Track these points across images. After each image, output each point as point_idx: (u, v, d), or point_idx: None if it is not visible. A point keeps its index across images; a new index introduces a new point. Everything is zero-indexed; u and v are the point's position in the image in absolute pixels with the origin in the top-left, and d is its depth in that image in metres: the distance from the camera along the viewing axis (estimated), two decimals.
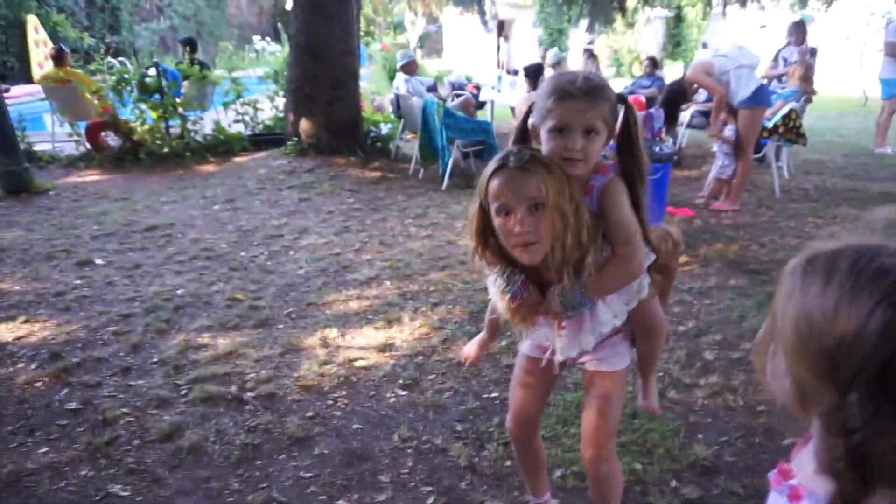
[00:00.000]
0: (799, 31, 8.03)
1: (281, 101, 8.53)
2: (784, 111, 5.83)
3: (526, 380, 1.69)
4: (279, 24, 18.37)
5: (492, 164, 1.38)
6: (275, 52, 16.28)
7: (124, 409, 2.56)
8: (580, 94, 1.34)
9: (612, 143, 1.46)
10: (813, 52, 8.12)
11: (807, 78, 6.98)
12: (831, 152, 7.94)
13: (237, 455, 2.30)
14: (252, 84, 9.13)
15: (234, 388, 2.71)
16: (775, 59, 8.08)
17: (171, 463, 2.26)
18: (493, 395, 2.67)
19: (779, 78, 7.77)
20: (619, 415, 1.65)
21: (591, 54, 10.45)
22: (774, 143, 5.97)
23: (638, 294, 1.52)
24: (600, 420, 1.56)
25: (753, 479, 2.13)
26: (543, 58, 9.91)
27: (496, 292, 1.50)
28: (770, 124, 5.74)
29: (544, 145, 1.40)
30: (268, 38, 18.84)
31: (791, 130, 5.86)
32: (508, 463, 2.23)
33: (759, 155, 5.93)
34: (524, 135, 1.47)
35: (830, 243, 0.64)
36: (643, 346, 1.64)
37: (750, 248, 4.38)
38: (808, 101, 7.23)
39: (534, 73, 6.15)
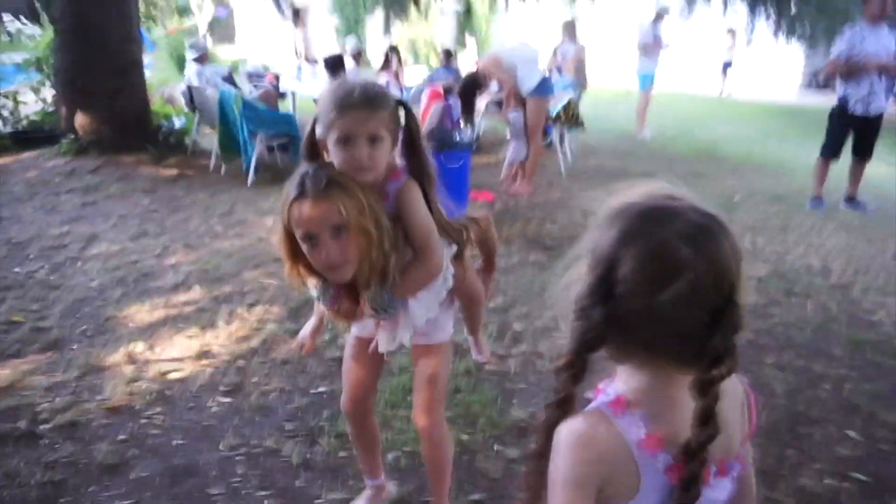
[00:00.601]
0: (571, 28, 8.99)
1: (49, 93, 7.51)
2: (564, 101, 6.50)
3: (358, 358, 1.76)
4: (36, 2, 16.03)
5: (291, 191, 1.39)
6: (33, 35, 14.18)
7: None
8: (360, 104, 1.37)
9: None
10: (582, 47, 9.12)
11: (581, 70, 7.85)
12: (604, 137, 9.00)
13: (34, 496, 2.04)
14: (9, 73, 7.90)
15: (23, 423, 2.39)
16: (553, 53, 8.94)
17: None
18: (320, 389, 2.67)
19: (558, 70, 8.61)
20: (446, 383, 1.79)
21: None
22: (558, 129, 6.63)
23: (444, 286, 1.64)
24: (429, 389, 1.69)
25: None
26: (343, 48, 9.88)
27: (315, 296, 1.56)
28: (554, 113, 6.36)
29: (332, 156, 1.42)
30: (22, 17, 16.34)
31: (571, 118, 6.56)
32: (342, 454, 2.26)
33: (547, 141, 6.54)
34: (313, 149, 1.48)
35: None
36: (468, 312, 1.83)
37: (545, 226, 4.84)
38: (584, 90, 8.13)
39: (334, 65, 6.13)
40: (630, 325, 0.82)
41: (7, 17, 16.12)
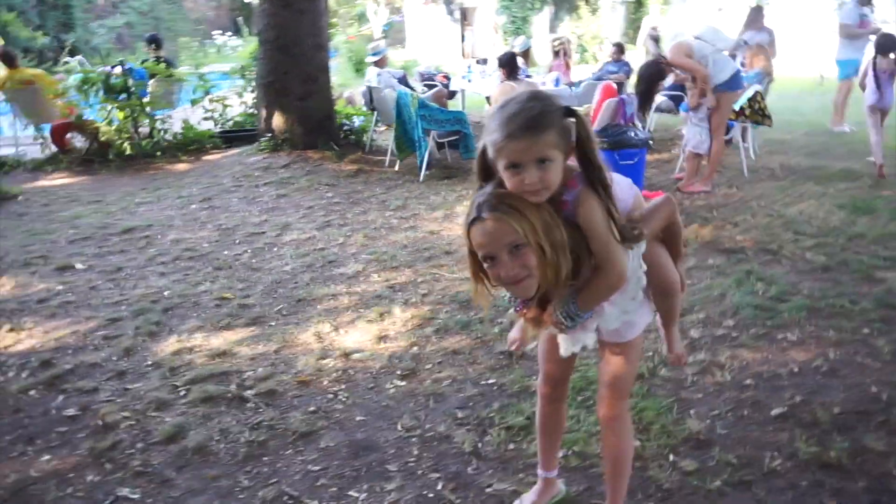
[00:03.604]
0: (757, 15, 8.25)
1: (249, 97, 8.44)
2: (749, 93, 6.00)
3: (552, 344, 1.77)
4: (239, 18, 18.07)
5: (470, 214, 1.43)
6: (237, 47, 16.01)
7: (124, 413, 2.55)
8: (522, 132, 1.33)
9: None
10: (771, 34, 8.34)
11: (768, 60, 7.19)
12: (793, 132, 8.18)
13: (244, 452, 2.32)
14: (217, 80, 9.00)
15: (233, 387, 2.72)
16: (743, 43, 8.27)
17: (177, 464, 2.27)
18: (490, 381, 2.73)
19: (741, 63, 7.96)
20: (633, 377, 1.77)
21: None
22: (741, 124, 6.15)
23: (639, 285, 1.61)
24: (616, 383, 1.68)
25: (745, 449, 2.24)
26: (513, 47, 9.95)
27: (506, 301, 1.62)
28: (737, 107, 5.90)
29: (505, 179, 1.40)
30: (228, 33, 18.50)
31: (756, 112, 6.04)
32: (511, 447, 2.30)
33: (727, 137, 6.09)
34: (487, 171, 1.47)
35: None
36: (661, 304, 1.74)
37: (724, 229, 4.52)
38: (771, 81, 7.44)
39: (507, 62, 6.20)
40: None
41: (216, 33, 18.34)
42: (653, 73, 5.10)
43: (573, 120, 1.41)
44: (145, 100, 7.35)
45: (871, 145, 5.93)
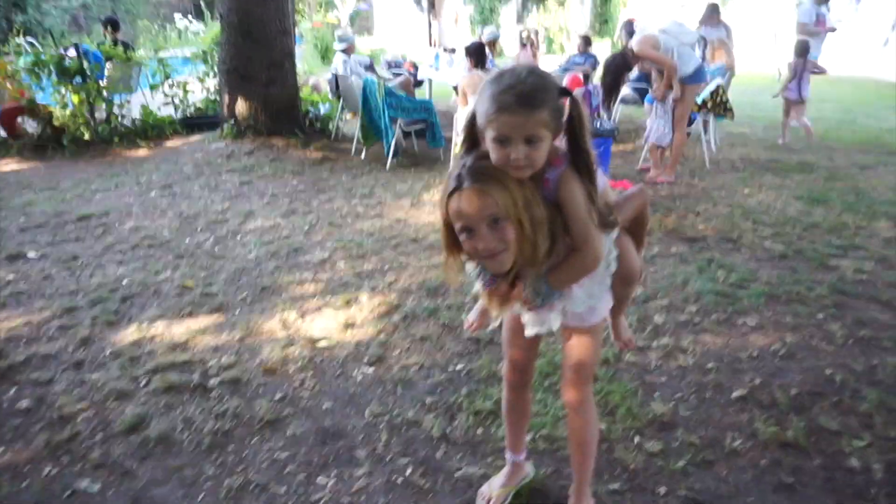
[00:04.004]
0: (713, 11, 8.40)
1: (212, 83, 8.24)
2: (712, 87, 6.11)
3: (516, 329, 1.77)
4: (201, 2, 17.58)
5: (449, 184, 1.40)
6: (198, 32, 15.59)
7: (81, 405, 2.48)
8: (517, 106, 1.31)
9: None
10: (728, 30, 8.51)
11: (730, 55, 7.33)
12: (752, 125, 8.38)
13: (208, 441, 2.27)
14: (179, 65, 8.76)
15: (196, 376, 2.66)
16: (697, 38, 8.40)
17: (139, 454, 2.21)
18: (458, 367, 2.73)
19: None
20: (596, 360, 1.79)
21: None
22: (703, 117, 6.26)
23: (608, 272, 1.62)
24: (580, 367, 1.69)
25: (708, 430, 2.29)
26: (481, 36, 9.94)
27: (473, 276, 1.59)
28: (700, 100, 6.01)
29: (490, 151, 1.39)
30: (189, 16, 17.99)
31: (719, 105, 6.16)
32: (480, 431, 2.31)
33: (688, 129, 6.19)
34: (473, 139, 1.45)
35: None
36: (620, 291, 1.73)
37: (687, 218, 4.61)
38: (732, 76, 7.60)
39: (475, 52, 6.17)
40: None
41: (177, 16, 17.85)
42: (619, 65, 5.14)
43: (567, 100, 1.40)
44: (102, 83, 7.10)
45: (783, 126, 7.47)
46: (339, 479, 2.10)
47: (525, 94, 1.32)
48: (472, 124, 1.44)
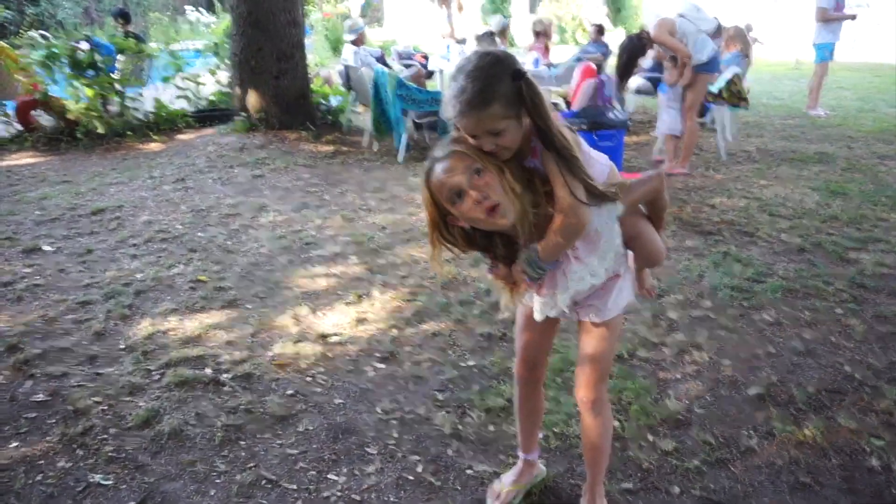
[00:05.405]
0: None
1: (223, 75, 8.25)
2: (727, 76, 6.02)
3: (529, 324, 1.76)
4: None
5: (426, 166, 1.48)
6: (209, 24, 15.59)
7: (96, 398, 2.49)
8: (468, 109, 1.37)
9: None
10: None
11: (746, 43, 7.21)
12: (769, 115, 8.26)
13: (220, 437, 2.28)
14: (190, 57, 8.76)
15: (208, 371, 2.67)
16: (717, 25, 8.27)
17: (152, 449, 2.22)
18: (470, 363, 2.72)
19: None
20: (612, 358, 1.76)
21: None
22: (715, 113, 6.17)
23: (610, 247, 1.58)
24: (595, 363, 1.67)
25: (723, 428, 2.26)
26: (489, 26, 9.85)
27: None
28: (715, 89, 5.92)
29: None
30: (200, 8, 18.00)
31: (734, 95, 6.06)
32: (492, 428, 2.30)
33: (702, 120, 6.11)
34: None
35: None
36: (641, 270, 1.81)
37: (702, 210, 4.55)
38: (749, 65, 7.48)
39: (486, 40, 6.12)
40: None
41: (188, 8, 17.87)
42: (635, 47, 5.06)
43: (523, 83, 1.39)
44: (114, 76, 7.12)
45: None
46: (350, 475, 2.10)
47: (472, 97, 1.36)
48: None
